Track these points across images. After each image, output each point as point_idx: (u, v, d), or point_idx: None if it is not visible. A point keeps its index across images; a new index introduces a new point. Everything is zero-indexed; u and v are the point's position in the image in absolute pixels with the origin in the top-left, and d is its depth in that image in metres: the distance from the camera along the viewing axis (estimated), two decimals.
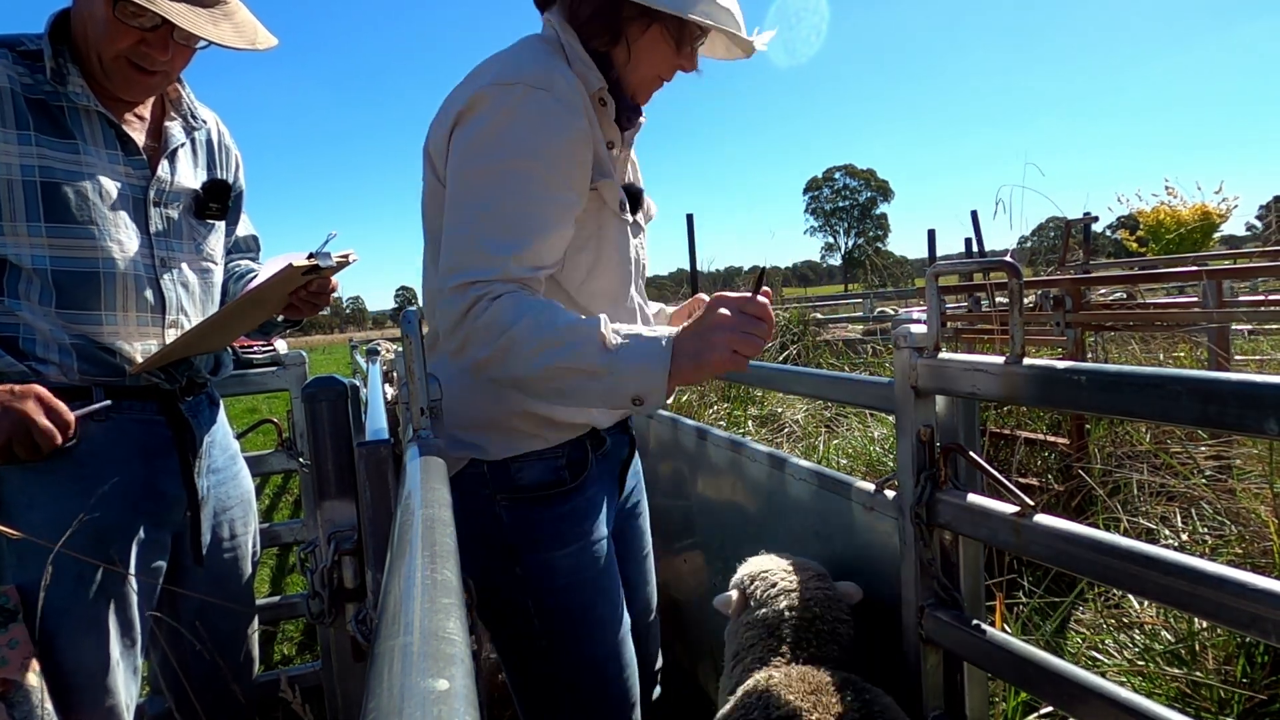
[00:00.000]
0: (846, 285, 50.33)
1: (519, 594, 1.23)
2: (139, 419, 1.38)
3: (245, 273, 1.62)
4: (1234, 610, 0.82)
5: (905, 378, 1.26)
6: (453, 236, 1.07)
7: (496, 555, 1.22)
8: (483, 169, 1.06)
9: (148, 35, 1.26)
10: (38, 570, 1.23)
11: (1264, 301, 3.08)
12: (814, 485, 1.61)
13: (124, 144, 1.35)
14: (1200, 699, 1.75)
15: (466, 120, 1.07)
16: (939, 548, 1.27)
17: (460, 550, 1.12)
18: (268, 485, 6.26)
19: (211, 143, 1.54)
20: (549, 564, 1.22)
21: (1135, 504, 2.46)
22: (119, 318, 1.32)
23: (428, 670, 0.37)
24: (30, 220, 1.24)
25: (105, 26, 1.24)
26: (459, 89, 1.12)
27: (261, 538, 2.93)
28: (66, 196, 1.26)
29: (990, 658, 1.16)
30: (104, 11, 1.23)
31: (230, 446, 1.62)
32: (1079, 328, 3.09)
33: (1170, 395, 0.87)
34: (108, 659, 1.31)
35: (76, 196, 1.27)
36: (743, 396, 4.81)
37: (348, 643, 1.37)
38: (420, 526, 0.66)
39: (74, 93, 1.28)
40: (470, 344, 1.05)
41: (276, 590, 3.94)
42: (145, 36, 1.26)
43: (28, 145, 1.24)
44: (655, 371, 1.00)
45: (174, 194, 1.42)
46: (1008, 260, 1.15)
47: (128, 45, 1.26)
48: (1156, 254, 7.29)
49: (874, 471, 3.54)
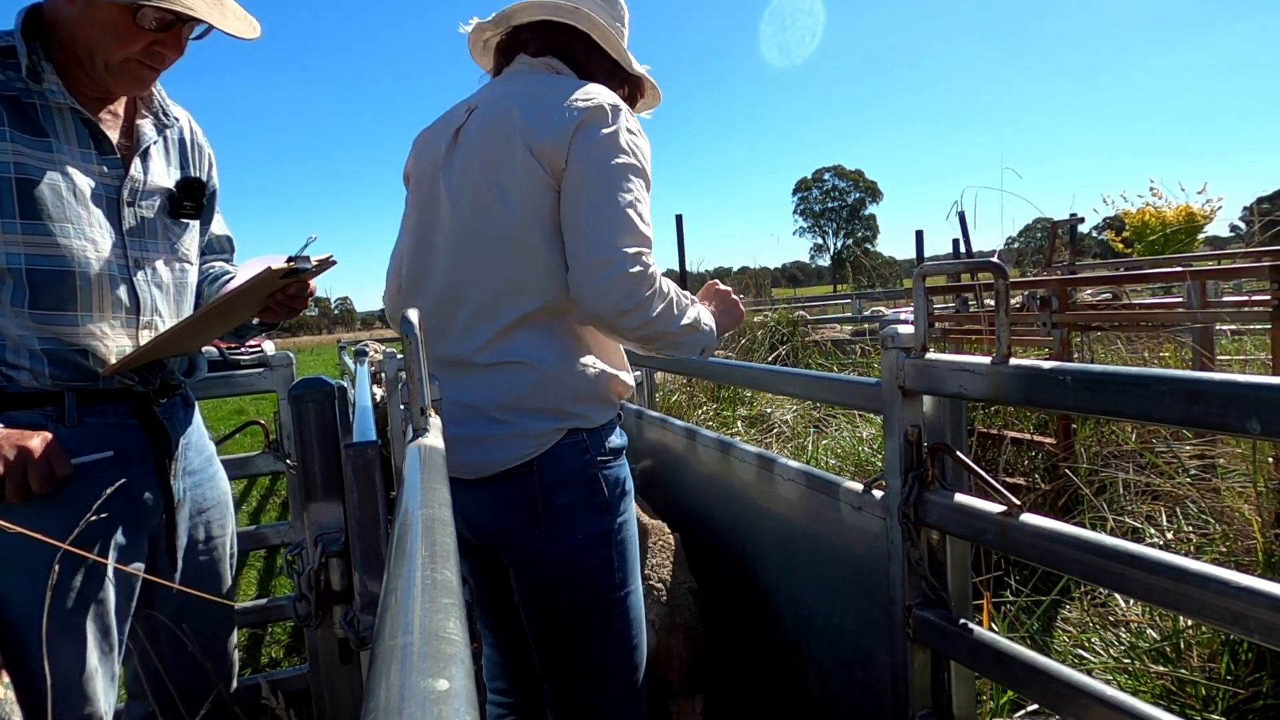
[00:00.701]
0: (835, 286, 50.53)
1: (610, 549, 1.32)
2: (113, 422, 1.37)
3: (220, 274, 1.60)
4: (1218, 608, 0.83)
5: (893, 378, 1.26)
6: (609, 214, 1.20)
7: (597, 517, 1.30)
8: (622, 164, 1.23)
9: (162, 35, 1.27)
10: (10, 578, 1.21)
11: (1247, 302, 3.10)
12: (802, 485, 1.62)
13: (98, 142, 1.33)
14: (1185, 696, 1.76)
15: (595, 125, 1.23)
16: (926, 547, 1.27)
17: (560, 519, 1.30)
18: (255, 487, 6.21)
19: (184, 141, 1.52)
20: (627, 517, 1.36)
21: (1121, 503, 2.48)
22: (93, 318, 1.31)
23: (428, 670, 0.37)
24: (5, 217, 1.22)
25: (117, 32, 1.24)
26: (567, 103, 1.25)
27: (248, 540, 2.94)
28: (41, 194, 1.24)
29: (977, 656, 1.16)
30: (117, 18, 1.23)
31: (206, 448, 1.60)
32: (1065, 328, 3.11)
33: (1155, 395, 0.88)
34: (85, 666, 1.29)
35: (51, 194, 1.25)
36: (732, 397, 4.82)
37: (335, 645, 1.36)
38: (420, 526, 0.65)
39: (49, 90, 1.26)
40: (655, 299, 1.21)
41: (263, 593, 3.91)
42: (160, 37, 1.27)
43: (3, 141, 1.22)
44: (715, 329, 1.37)
45: (147, 193, 1.40)
46: (994, 261, 1.16)
47: (140, 47, 1.27)
48: (1142, 255, 7.35)
49: (862, 471, 3.55)
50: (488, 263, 1.27)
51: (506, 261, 1.26)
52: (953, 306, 4.10)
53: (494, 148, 1.27)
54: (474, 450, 1.26)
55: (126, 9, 1.22)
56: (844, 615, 1.52)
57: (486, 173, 1.27)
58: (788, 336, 6.46)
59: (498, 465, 1.26)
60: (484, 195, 1.27)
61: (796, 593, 1.69)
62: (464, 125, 1.34)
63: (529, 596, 1.33)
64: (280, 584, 3.95)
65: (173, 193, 1.45)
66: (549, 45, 1.37)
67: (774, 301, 7.24)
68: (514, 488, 1.26)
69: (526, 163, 1.24)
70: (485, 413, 1.27)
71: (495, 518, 1.29)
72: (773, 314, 6.76)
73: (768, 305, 6.96)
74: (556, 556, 1.27)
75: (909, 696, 1.30)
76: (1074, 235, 5.07)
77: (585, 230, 1.21)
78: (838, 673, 1.56)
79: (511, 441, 1.25)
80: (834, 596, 1.55)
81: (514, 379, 1.26)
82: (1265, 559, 1.94)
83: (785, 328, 6.58)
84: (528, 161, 1.24)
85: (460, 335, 1.30)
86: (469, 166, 1.29)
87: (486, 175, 1.27)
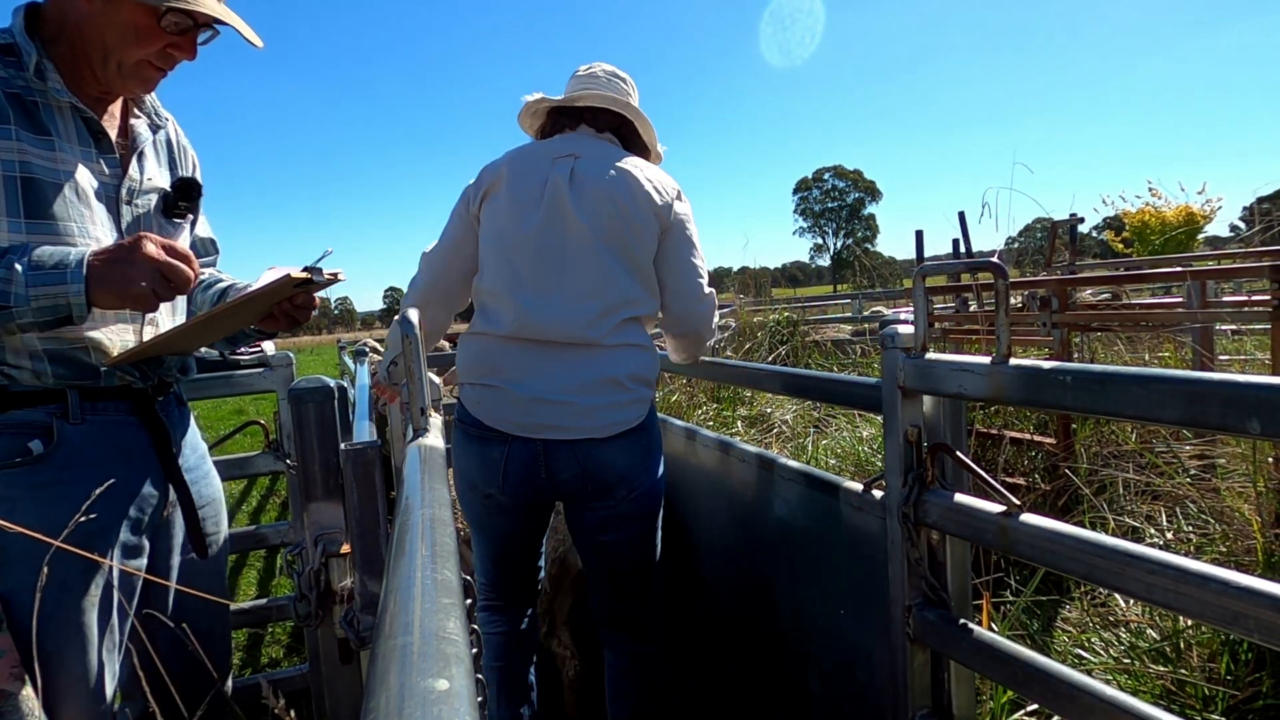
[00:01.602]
0: (835, 286, 50.47)
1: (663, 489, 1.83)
2: (114, 420, 1.37)
3: (212, 280, 1.60)
4: (1218, 608, 0.83)
5: (893, 378, 1.26)
6: (699, 265, 1.79)
7: (662, 466, 1.82)
8: (695, 231, 1.81)
9: (177, 39, 1.29)
10: (20, 578, 1.21)
11: (1247, 302, 3.10)
12: (802, 485, 1.62)
13: (98, 140, 1.34)
14: (1185, 696, 1.76)
15: (682, 200, 1.79)
16: (926, 547, 1.27)
17: (650, 467, 1.74)
18: (254, 487, 6.21)
19: (171, 142, 1.53)
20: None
21: (1121, 503, 2.48)
22: (95, 315, 1.31)
23: (428, 670, 0.37)
24: (10, 216, 1.22)
25: (138, 33, 1.26)
26: (661, 180, 1.77)
27: (248, 540, 2.94)
28: (45, 192, 1.24)
29: (976, 656, 1.16)
30: (139, 19, 1.25)
31: (200, 446, 1.61)
32: (1065, 328, 3.11)
33: (1155, 395, 0.88)
34: (94, 664, 1.29)
35: (54, 192, 1.25)
36: (732, 397, 4.81)
37: (335, 645, 1.36)
38: (420, 526, 0.65)
39: (54, 89, 1.26)
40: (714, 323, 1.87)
41: (264, 593, 3.91)
42: (176, 40, 1.29)
43: (8, 140, 1.22)
44: None
45: (144, 192, 1.41)
46: (994, 261, 1.16)
47: (156, 50, 1.29)
48: (1141, 255, 7.34)
49: (862, 471, 3.55)
50: (620, 275, 1.70)
51: (631, 279, 1.71)
52: (953, 306, 4.10)
53: (625, 199, 1.70)
54: (611, 414, 1.68)
55: (150, 11, 1.24)
56: (844, 615, 1.52)
57: (622, 215, 1.69)
58: (788, 336, 6.45)
59: (632, 423, 1.70)
60: (620, 230, 1.70)
61: (796, 593, 1.69)
62: (575, 167, 1.71)
63: (625, 521, 1.75)
64: (280, 584, 3.95)
65: (168, 193, 1.45)
66: (609, 124, 1.83)
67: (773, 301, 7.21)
68: (636, 439, 1.71)
69: (648, 218, 1.71)
70: (620, 381, 1.67)
71: (626, 460, 1.70)
72: (774, 314, 6.74)
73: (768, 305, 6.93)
74: (652, 488, 1.76)
75: (909, 696, 1.30)
76: (1074, 235, 5.06)
77: (689, 274, 1.77)
78: (838, 673, 1.56)
79: (636, 405, 1.71)
80: (834, 596, 1.55)
81: (634, 357, 1.70)
82: (1265, 559, 1.94)
83: (785, 328, 6.57)
84: (649, 218, 1.71)
85: (591, 323, 1.66)
86: (602, 203, 1.69)
87: (623, 216, 1.69)
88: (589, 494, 1.71)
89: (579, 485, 1.69)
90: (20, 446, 1.26)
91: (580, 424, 1.64)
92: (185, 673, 1.46)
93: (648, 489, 1.75)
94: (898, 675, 1.32)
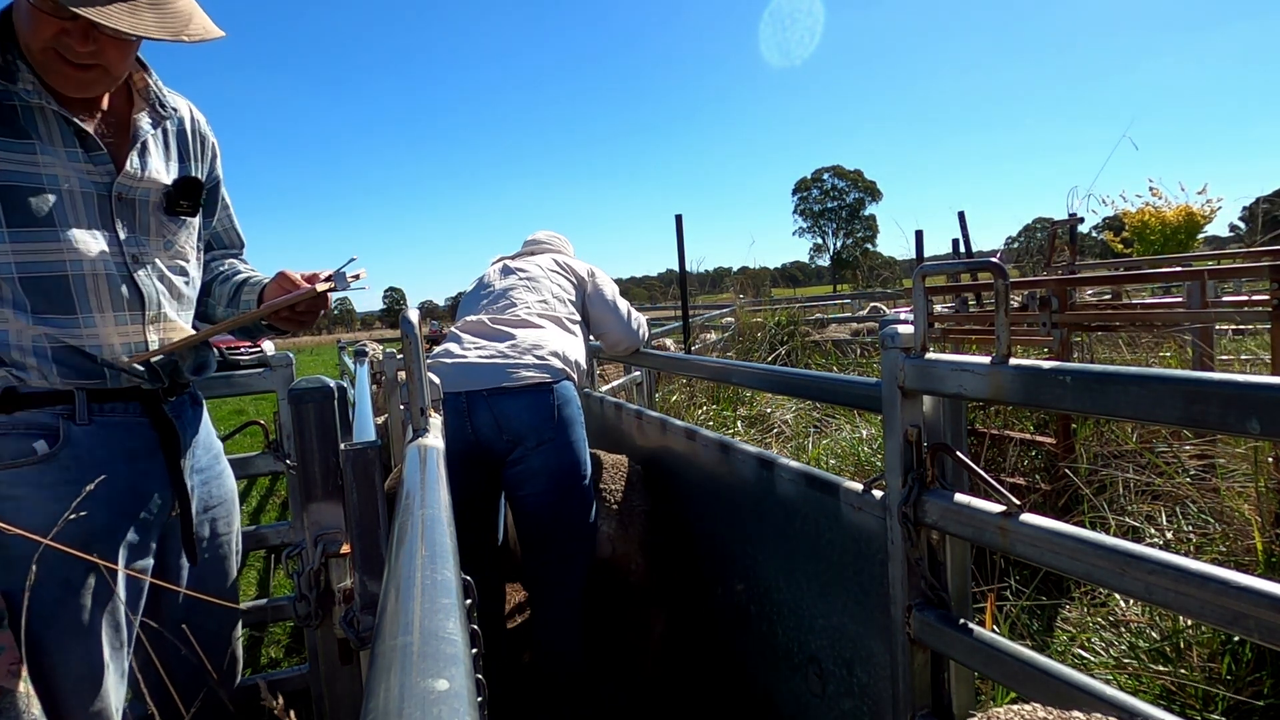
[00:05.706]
0: (835, 286, 50.48)
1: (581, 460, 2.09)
2: (122, 420, 1.37)
3: (233, 273, 1.59)
4: (1218, 608, 0.83)
5: (893, 378, 1.26)
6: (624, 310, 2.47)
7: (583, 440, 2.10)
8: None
9: (67, 25, 1.21)
10: (23, 576, 1.21)
11: (1247, 302, 3.10)
12: (802, 486, 1.62)
13: (83, 140, 1.31)
14: (1185, 696, 1.76)
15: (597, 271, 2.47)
16: (926, 547, 1.27)
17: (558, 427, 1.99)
18: (254, 487, 6.21)
19: (185, 132, 1.50)
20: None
21: (1121, 503, 2.48)
22: (96, 319, 1.30)
23: (428, 670, 0.37)
24: None
25: (27, 17, 1.21)
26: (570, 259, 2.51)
27: (248, 540, 2.93)
28: (26, 199, 1.23)
29: (976, 657, 1.16)
30: (32, 4, 1.19)
31: (214, 446, 1.60)
32: (1065, 328, 3.11)
33: (1155, 395, 0.88)
34: (97, 663, 1.29)
35: (37, 198, 1.24)
36: (732, 397, 4.82)
37: (335, 645, 1.36)
38: (420, 526, 0.65)
39: (24, 90, 1.24)
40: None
41: (263, 593, 3.91)
42: (65, 26, 1.21)
43: None
44: None
45: (143, 188, 1.39)
46: (993, 261, 1.15)
47: (50, 35, 1.21)
48: (1142, 255, 7.35)
49: (862, 471, 3.56)
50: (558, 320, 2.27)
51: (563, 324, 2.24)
52: (953, 306, 4.10)
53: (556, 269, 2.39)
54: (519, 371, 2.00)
55: None
56: (844, 615, 1.52)
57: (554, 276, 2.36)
58: (788, 337, 6.45)
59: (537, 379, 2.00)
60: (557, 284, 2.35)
61: (796, 593, 1.69)
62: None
63: (537, 475, 1.98)
64: (280, 584, 3.95)
65: (170, 190, 1.44)
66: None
67: (773, 301, 7.21)
68: (541, 396, 1.99)
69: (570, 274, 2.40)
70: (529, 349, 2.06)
71: (532, 415, 1.98)
72: (774, 314, 6.75)
73: (767, 305, 6.93)
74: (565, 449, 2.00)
75: (909, 696, 1.30)
76: (1074, 235, 5.06)
77: (617, 307, 2.43)
78: (838, 673, 1.56)
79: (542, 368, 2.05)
80: (834, 596, 1.55)
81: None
82: (1265, 559, 1.94)
83: (785, 328, 6.57)
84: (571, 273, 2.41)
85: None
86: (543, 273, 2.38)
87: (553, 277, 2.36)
88: (505, 446, 1.97)
89: (494, 435, 1.96)
90: (27, 447, 1.26)
91: (493, 377, 1.97)
92: (192, 673, 1.46)
93: (559, 446, 1.98)
94: (898, 675, 1.31)
